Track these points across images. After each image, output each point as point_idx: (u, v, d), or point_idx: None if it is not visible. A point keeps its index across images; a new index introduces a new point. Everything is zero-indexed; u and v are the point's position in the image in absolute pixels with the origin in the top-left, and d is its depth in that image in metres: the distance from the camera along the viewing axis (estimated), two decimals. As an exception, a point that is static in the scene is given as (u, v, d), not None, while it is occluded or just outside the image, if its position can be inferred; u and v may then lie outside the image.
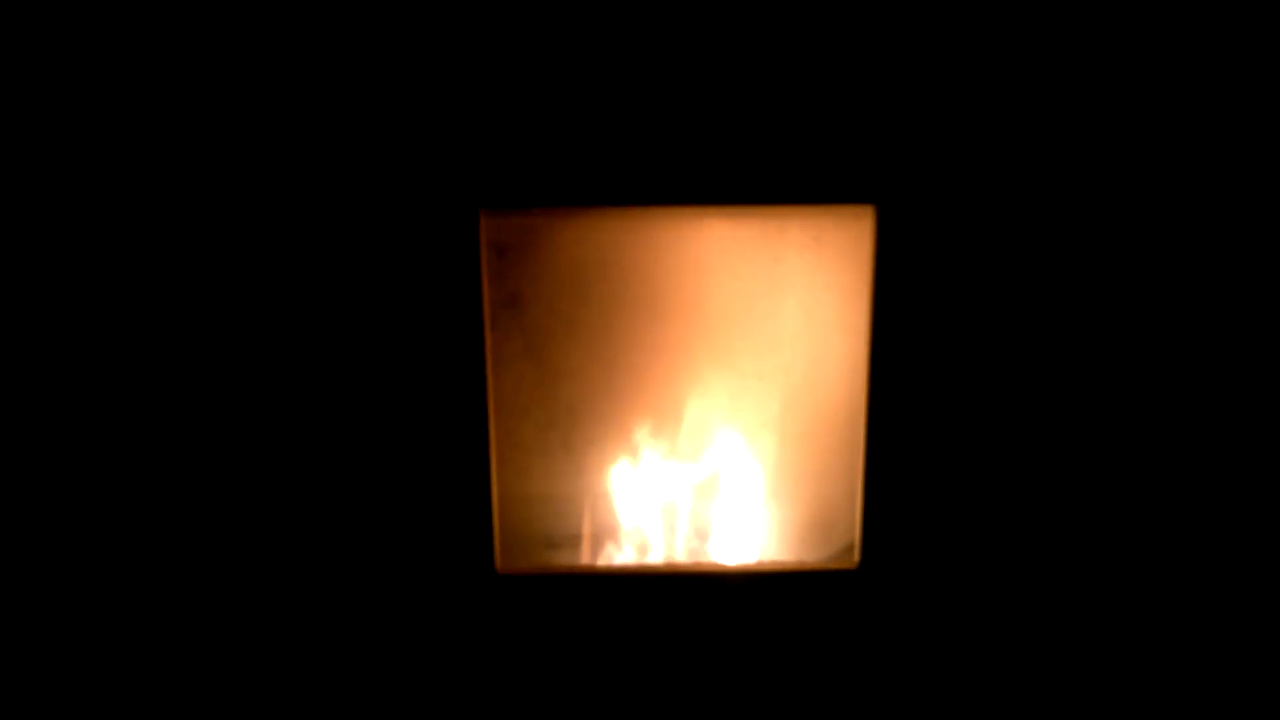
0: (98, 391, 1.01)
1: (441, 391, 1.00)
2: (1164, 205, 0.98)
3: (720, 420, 1.15)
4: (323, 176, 0.95)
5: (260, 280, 0.98)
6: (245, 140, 0.94)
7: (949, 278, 0.98)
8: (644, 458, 1.16)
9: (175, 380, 1.01)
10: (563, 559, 1.15)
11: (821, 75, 0.94)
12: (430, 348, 0.99)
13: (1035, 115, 0.95)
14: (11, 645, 1.06)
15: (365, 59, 0.93)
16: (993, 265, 0.98)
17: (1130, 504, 1.06)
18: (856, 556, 1.05)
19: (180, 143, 0.95)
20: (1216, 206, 0.98)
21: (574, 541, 1.16)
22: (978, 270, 0.98)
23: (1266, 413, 1.03)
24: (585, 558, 1.15)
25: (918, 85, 0.94)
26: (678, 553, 1.16)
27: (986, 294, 0.99)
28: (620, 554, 1.16)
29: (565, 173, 0.96)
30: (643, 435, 1.15)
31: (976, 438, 1.03)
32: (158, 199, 0.96)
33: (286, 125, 0.94)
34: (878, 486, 1.03)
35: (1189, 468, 1.05)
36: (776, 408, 1.14)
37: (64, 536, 1.04)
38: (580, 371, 1.13)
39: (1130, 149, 0.96)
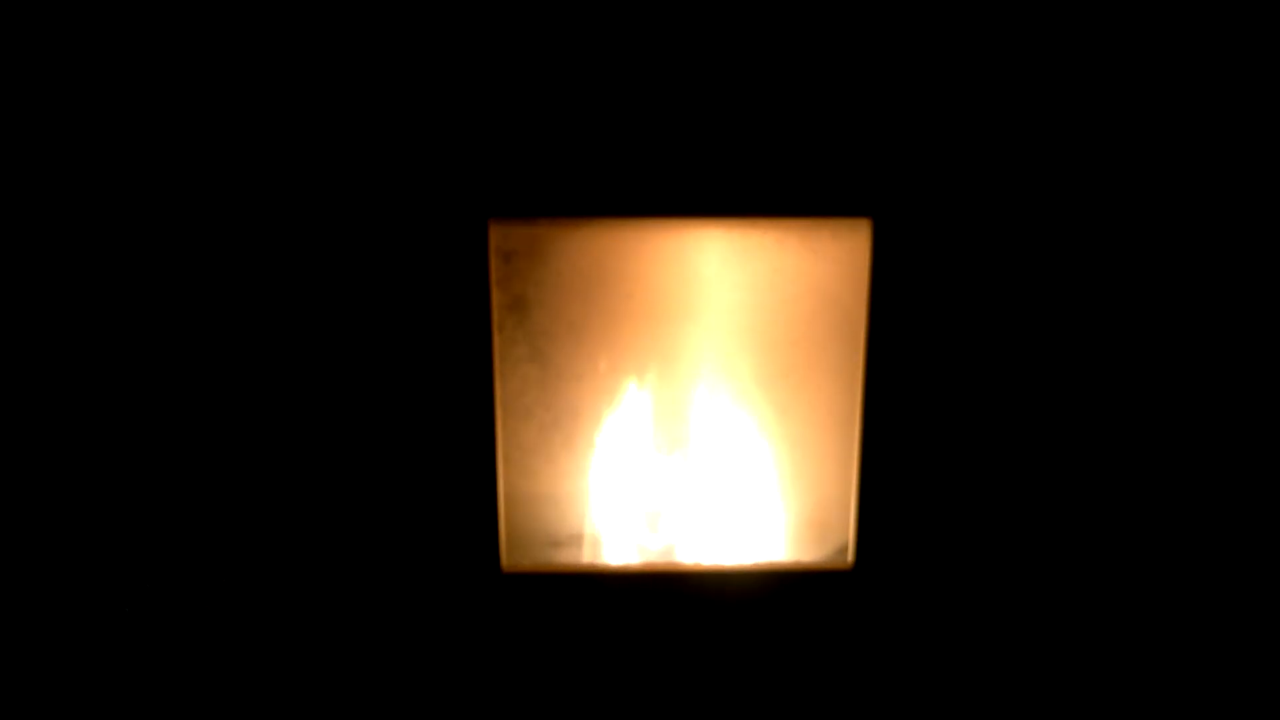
0: (117, 393, 1.03)
1: (450, 394, 1.02)
2: (1160, 221, 1.00)
3: (718, 423, 1.18)
4: (344, 189, 0.98)
5: (280, 285, 1.01)
6: (273, 157, 0.97)
7: (942, 288, 1.00)
8: (644, 459, 1.18)
9: (192, 381, 1.03)
10: (565, 558, 1.17)
11: (819, 94, 0.96)
12: (439, 352, 1.01)
13: (1027, 133, 0.98)
14: (32, 644, 1.08)
15: (386, 83, 0.95)
16: (984, 276, 1.01)
17: (1120, 507, 1.08)
18: (851, 557, 1.08)
19: (209, 156, 0.97)
20: (1212, 212, 1.00)
21: (576, 541, 1.18)
22: (970, 281, 1.01)
23: (1257, 422, 1.06)
24: (587, 557, 1.18)
25: (913, 104, 0.96)
26: (676, 552, 1.19)
27: (978, 303, 1.01)
28: (621, 553, 1.18)
29: (571, 185, 0.98)
30: (643, 437, 1.17)
31: (969, 442, 1.05)
32: (187, 209, 0.99)
33: (313, 142, 0.97)
34: (872, 489, 1.05)
35: (1181, 471, 1.07)
36: (774, 411, 1.17)
37: (77, 534, 1.07)
38: (583, 375, 1.15)
39: (1126, 164, 0.99)
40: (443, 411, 1.03)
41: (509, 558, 1.08)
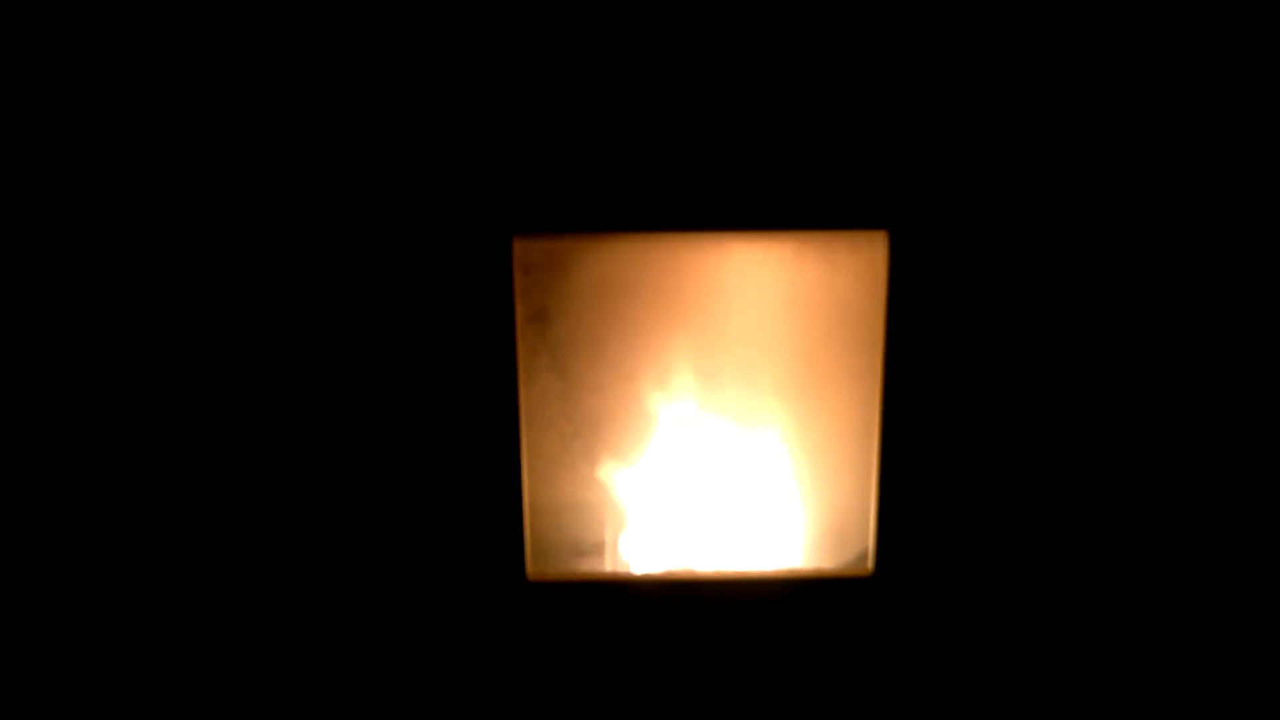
0: (161, 404, 1.06)
1: (475, 404, 1.04)
2: (1177, 232, 1.01)
3: (739, 432, 1.19)
4: (376, 208, 1.00)
5: (313, 300, 1.03)
6: (307, 176, 1.00)
7: (958, 298, 1.02)
8: (665, 468, 1.20)
9: (223, 392, 1.05)
10: (588, 566, 1.19)
11: (835, 109, 0.98)
12: (465, 365, 1.03)
13: (1042, 146, 0.99)
14: (50, 645, 1.10)
15: (416, 106, 0.98)
16: (1000, 286, 1.02)
17: (1139, 514, 1.09)
18: (871, 564, 1.09)
19: (243, 176, 1.00)
20: (1230, 228, 1.01)
21: (598, 549, 1.19)
22: (986, 291, 1.02)
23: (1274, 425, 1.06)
24: (609, 565, 1.19)
25: (928, 118, 0.98)
26: (697, 560, 1.20)
27: (994, 313, 1.03)
28: (643, 561, 1.20)
29: (593, 201, 1.00)
30: (663, 446, 1.19)
31: (987, 449, 1.06)
32: (222, 226, 1.01)
33: (346, 162, 0.99)
34: (891, 496, 1.06)
35: (1202, 480, 1.08)
36: (793, 420, 1.18)
37: (105, 538, 1.09)
38: (603, 385, 1.16)
39: (1142, 177, 1.00)
40: (468, 422, 1.04)
41: (534, 566, 1.09)
